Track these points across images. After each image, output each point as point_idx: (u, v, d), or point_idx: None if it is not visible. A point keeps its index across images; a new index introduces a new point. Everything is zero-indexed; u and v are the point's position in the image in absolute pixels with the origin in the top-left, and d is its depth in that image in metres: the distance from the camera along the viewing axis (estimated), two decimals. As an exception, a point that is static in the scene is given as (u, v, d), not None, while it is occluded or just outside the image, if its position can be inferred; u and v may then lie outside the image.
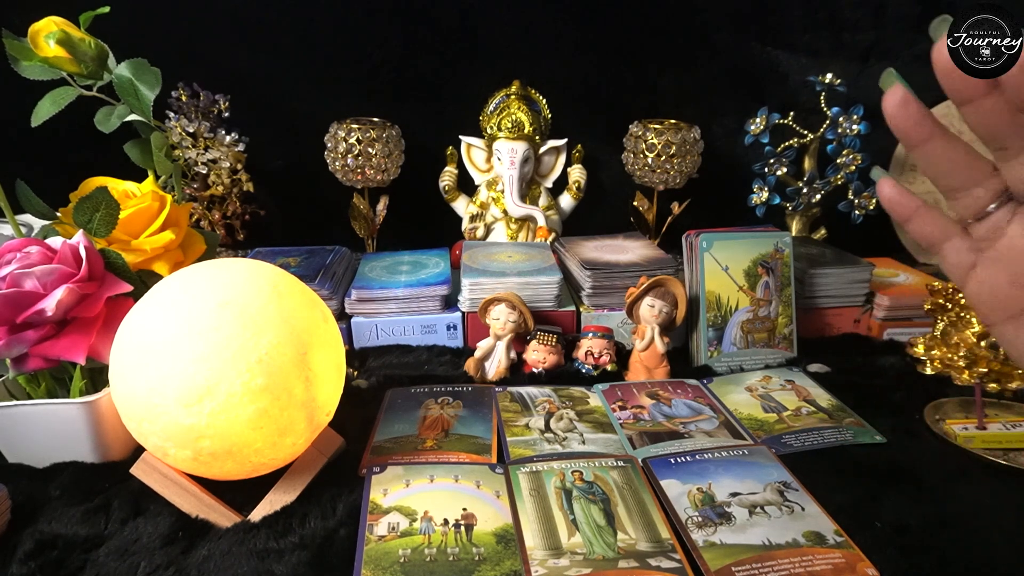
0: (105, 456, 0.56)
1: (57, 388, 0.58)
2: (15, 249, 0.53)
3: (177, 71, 0.86)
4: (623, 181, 1.03)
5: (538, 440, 0.60)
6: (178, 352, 0.44)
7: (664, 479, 0.54)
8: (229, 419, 0.44)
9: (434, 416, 0.64)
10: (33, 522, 0.49)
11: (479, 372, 0.73)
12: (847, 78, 0.98)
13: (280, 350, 0.46)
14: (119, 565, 0.45)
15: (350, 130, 0.93)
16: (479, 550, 0.46)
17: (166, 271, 0.61)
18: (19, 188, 0.59)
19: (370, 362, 0.76)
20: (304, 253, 0.88)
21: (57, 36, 0.61)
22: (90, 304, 0.53)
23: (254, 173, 0.95)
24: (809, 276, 0.81)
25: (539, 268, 0.81)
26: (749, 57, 1.05)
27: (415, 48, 1.02)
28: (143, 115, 0.64)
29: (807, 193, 0.98)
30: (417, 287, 0.80)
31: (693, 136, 0.96)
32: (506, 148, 0.96)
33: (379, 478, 0.53)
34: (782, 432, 0.61)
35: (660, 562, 0.45)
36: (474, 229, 1.00)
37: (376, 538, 0.47)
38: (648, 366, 0.72)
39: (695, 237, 0.75)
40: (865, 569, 0.44)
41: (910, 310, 0.82)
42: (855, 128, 0.95)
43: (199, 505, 0.50)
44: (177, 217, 0.64)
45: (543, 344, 0.73)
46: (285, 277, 0.51)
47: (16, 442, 0.56)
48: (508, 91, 0.99)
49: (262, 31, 1.00)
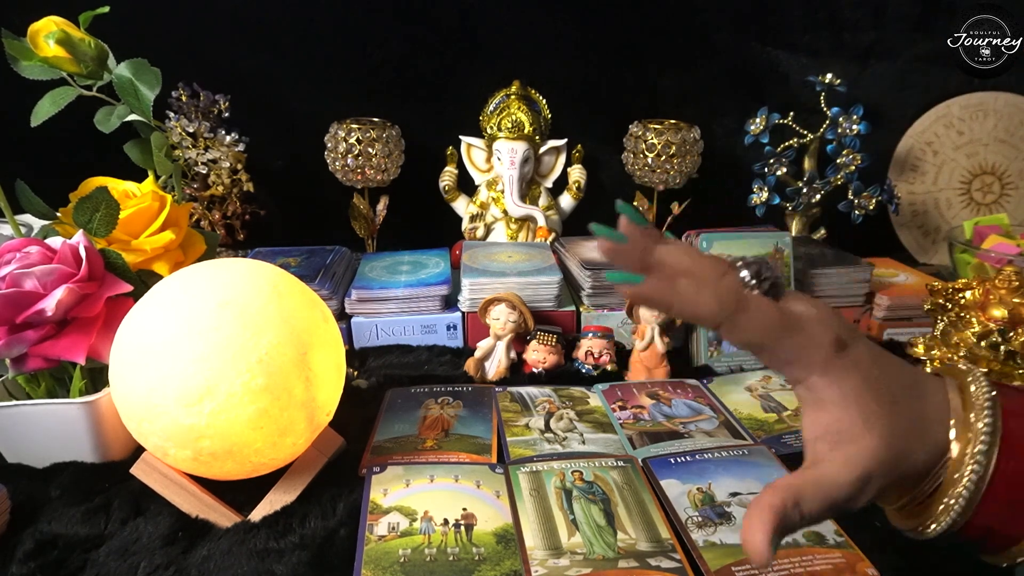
0: (105, 456, 0.56)
1: (57, 388, 0.58)
2: (15, 249, 0.53)
3: (177, 71, 0.86)
4: (623, 181, 1.03)
5: (538, 440, 0.60)
6: (178, 352, 0.44)
7: (664, 479, 0.54)
8: (229, 419, 0.44)
9: (434, 416, 0.64)
10: (33, 522, 0.49)
11: (479, 372, 0.73)
12: (847, 78, 0.98)
13: (280, 350, 0.46)
14: (119, 565, 0.45)
15: (350, 130, 0.93)
16: (479, 550, 0.46)
17: (166, 271, 0.61)
18: (19, 188, 0.59)
19: (370, 362, 0.76)
20: (304, 253, 0.88)
21: (57, 36, 0.61)
22: (90, 304, 0.53)
23: (254, 173, 0.95)
24: (809, 276, 0.81)
25: (539, 268, 0.81)
26: (749, 57, 1.05)
27: (415, 48, 1.02)
28: (143, 115, 0.64)
29: (807, 193, 0.98)
30: (417, 287, 0.80)
31: (693, 136, 0.96)
32: (506, 148, 0.96)
33: (379, 478, 0.53)
34: (782, 432, 0.61)
35: (660, 562, 0.45)
36: (474, 229, 1.00)
37: (376, 538, 0.47)
38: (648, 366, 0.72)
39: (695, 237, 0.75)
40: (865, 569, 0.44)
41: (910, 310, 0.82)
42: (855, 128, 0.94)
43: (199, 505, 0.50)
44: (177, 217, 0.64)
45: (543, 344, 0.73)
46: (285, 277, 0.51)
47: (16, 442, 0.56)
48: (508, 91, 0.99)
49: (262, 31, 1.00)
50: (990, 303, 0.66)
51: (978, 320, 0.68)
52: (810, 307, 0.30)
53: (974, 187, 1.07)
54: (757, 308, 0.29)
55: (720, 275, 0.29)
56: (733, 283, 0.29)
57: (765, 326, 0.29)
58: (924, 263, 1.07)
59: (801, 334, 0.29)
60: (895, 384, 0.30)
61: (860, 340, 0.30)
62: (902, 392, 0.30)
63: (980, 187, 1.07)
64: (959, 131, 1.05)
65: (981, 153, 1.06)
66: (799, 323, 0.29)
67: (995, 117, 1.04)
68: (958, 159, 1.06)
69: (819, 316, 0.30)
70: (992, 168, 1.06)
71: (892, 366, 0.31)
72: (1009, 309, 0.65)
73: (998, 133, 1.05)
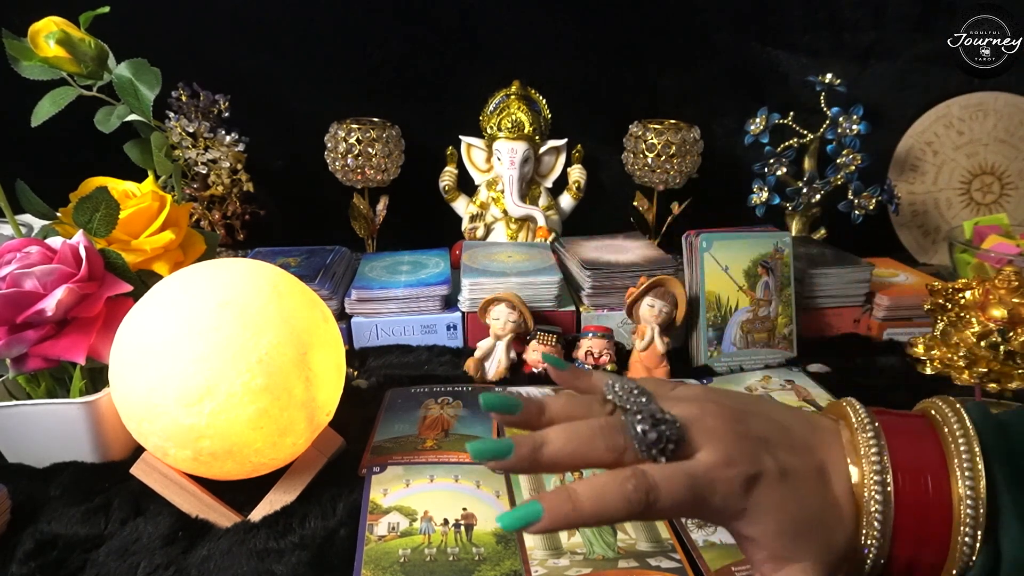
0: (105, 456, 0.56)
1: (57, 388, 0.58)
2: (15, 249, 0.53)
3: (177, 71, 0.86)
4: (623, 181, 1.03)
5: (538, 440, 0.60)
6: (178, 352, 0.44)
7: (664, 479, 0.54)
8: (229, 419, 0.44)
9: (434, 416, 0.64)
10: (33, 522, 0.49)
11: (479, 372, 0.73)
12: (847, 78, 0.98)
13: (280, 350, 0.46)
14: (119, 565, 0.45)
15: (350, 130, 0.93)
16: (479, 550, 0.46)
17: (166, 271, 0.61)
18: (19, 188, 0.59)
19: (370, 362, 0.76)
20: (304, 253, 0.88)
21: (57, 36, 0.61)
22: (90, 304, 0.53)
23: (254, 173, 0.95)
24: (809, 276, 0.81)
25: (539, 268, 0.81)
26: (749, 57, 1.05)
27: (415, 48, 1.02)
28: (143, 115, 0.64)
29: (807, 193, 0.98)
30: (417, 287, 0.80)
31: (693, 136, 0.96)
32: (506, 148, 0.96)
33: (379, 478, 0.53)
34: (782, 432, 0.61)
35: (660, 562, 0.45)
36: (474, 229, 1.00)
37: (376, 538, 0.47)
38: (648, 366, 0.72)
39: (695, 237, 0.75)
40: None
41: (910, 310, 0.82)
42: (855, 128, 0.94)
43: (199, 505, 0.50)
44: (177, 217, 0.64)
45: (543, 344, 0.73)
46: (285, 277, 0.51)
47: (16, 442, 0.56)
48: (508, 91, 0.99)
49: (262, 31, 1.00)
50: (990, 303, 0.66)
51: (978, 320, 0.68)
52: (713, 447, 0.30)
53: (974, 187, 1.07)
54: (667, 489, 0.28)
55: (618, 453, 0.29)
56: (635, 473, 0.28)
57: (678, 505, 0.29)
58: (924, 263, 1.07)
59: (714, 494, 0.29)
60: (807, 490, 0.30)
61: (766, 459, 0.30)
62: (814, 494, 0.30)
63: (980, 187, 1.07)
64: (959, 131, 1.05)
65: (981, 153, 1.06)
66: (710, 482, 0.29)
67: (995, 117, 1.04)
68: (958, 159, 1.06)
69: (724, 457, 0.29)
70: (992, 168, 1.06)
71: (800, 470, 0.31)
72: (1009, 309, 0.65)
73: (998, 133, 1.05)
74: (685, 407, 0.31)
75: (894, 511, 0.30)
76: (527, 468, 0.29)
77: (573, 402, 0.33)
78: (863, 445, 0.31)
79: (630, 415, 0.30)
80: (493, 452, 0.29)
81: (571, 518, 0.28)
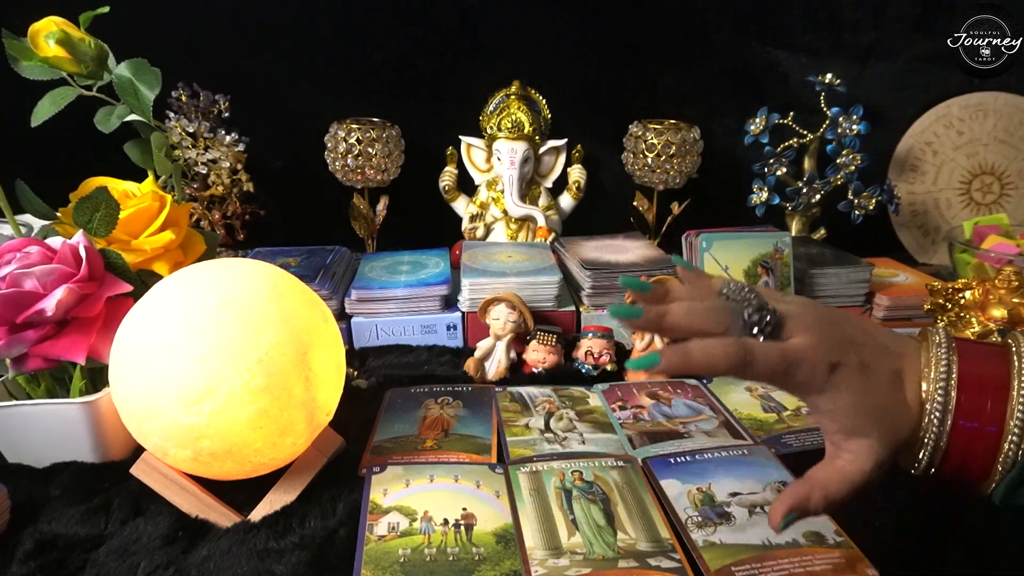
0: (105, 456, 0.56)
1: (57, 388, 0.58)
2: (15, 249, 0.53)
3: (177, 71, 0.86)
4: (623, 181, 1.03)
5: (538, 440, 0.60)
6: (178, 352, 0.44)
7: (664, 479, 0.54)
8: (229, 419, 0.44)
9: (434, 416, 0.64)
10: (33, 522, 0.49)
11: (479, 372, 0.73)
12: (847, 78, 0.98)
13: (280, 350, 0.46)
14: (119, 565, 0.45)
15: (350, 130, 0.93)
16: (479, 550, 0.46)
17: (166, 271, 0.61)
18: (19, 188, 0.59)
19: (370, 362, 0.76)
20: (304, 253, 0.88)
21: (57, 36, 0.61)
22: (90, 304, 0.53)
23: (254, 173, 0.95)
24: (809, 276, 0.81)
25: (539, 268, 0.81)
26: (749, 57, 1.05)
27: (415, 48, 1.02)
28: (143, 115, 0.64)
29: (807, 193, 0.98)
30: (417, 287, 0.80)
31: (693, 136, 0.96)
32: (506, 148, 0.96)
33: (379, 478, 0.53)
34: (782, 432, 0.61)
35: (660, 562, 0.45)
36: (474, 229, 1.00)
37: (376, 538, 0.47)
38: (648, 366, 0.72)
39: (695, 237, 0.75)
40: (865, 569, 0.44)
41: (910, 310, 0.82)
42: (855, 128, 0.94)
43: (199, 505, 0.50)
44: (177, 217, 0.64)
45: (543, 344, 0.73)
46: (285, 277, 0.51)
47: (16, 442, 0.56)
48: (508, 91, 0.99)
49: (262, 31, 1.00)
50: (990, 303, 0.66)
51: (978, 320, 0.68)
52: (805, 335, 0.35)
53: (974, 187, 1.07)
54: (762, 355, 0.34)
55: (726, 329, 0.35)
56: (738, 341, 0.34)
57: (770, 370, 0.34)
58: (924, 263, 1.07)
59: (800, 368, 0.34)
60: (881, 384, 0.36)
61: (850, 354, 0.35)
62: (887, 389, 0.36)
63: (980, 187, 1.07)
64: (959, 131, 1.05)
65: (981, 153, 1.06)
66: (797, 359, 0.34)
67: (995, 117, 1.04)
68: (958, 159, 1.06)
69: (814, 344, 0.35)
70: (992, 168, 1.06)
71: (878, 369, 0.36)
72: (1009, 309, 0.65)
73: (998, 133, 1.05)
74: (787, 306, 0.37)
75: (949, 428, 0.34)
76: (652, 327, 0.36)
77: (693, 290, 0.39)
78: (935, 363, 0.35)
79: (741, 304, 0.36)
80: (627, 313, 0.36)
81: (683, 363, 0.33)
